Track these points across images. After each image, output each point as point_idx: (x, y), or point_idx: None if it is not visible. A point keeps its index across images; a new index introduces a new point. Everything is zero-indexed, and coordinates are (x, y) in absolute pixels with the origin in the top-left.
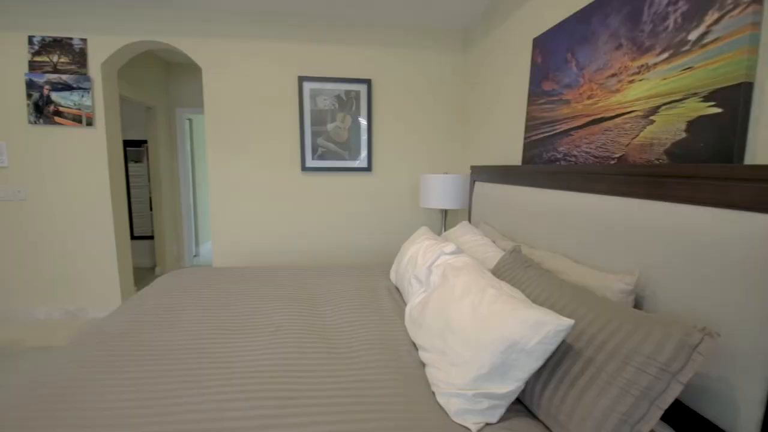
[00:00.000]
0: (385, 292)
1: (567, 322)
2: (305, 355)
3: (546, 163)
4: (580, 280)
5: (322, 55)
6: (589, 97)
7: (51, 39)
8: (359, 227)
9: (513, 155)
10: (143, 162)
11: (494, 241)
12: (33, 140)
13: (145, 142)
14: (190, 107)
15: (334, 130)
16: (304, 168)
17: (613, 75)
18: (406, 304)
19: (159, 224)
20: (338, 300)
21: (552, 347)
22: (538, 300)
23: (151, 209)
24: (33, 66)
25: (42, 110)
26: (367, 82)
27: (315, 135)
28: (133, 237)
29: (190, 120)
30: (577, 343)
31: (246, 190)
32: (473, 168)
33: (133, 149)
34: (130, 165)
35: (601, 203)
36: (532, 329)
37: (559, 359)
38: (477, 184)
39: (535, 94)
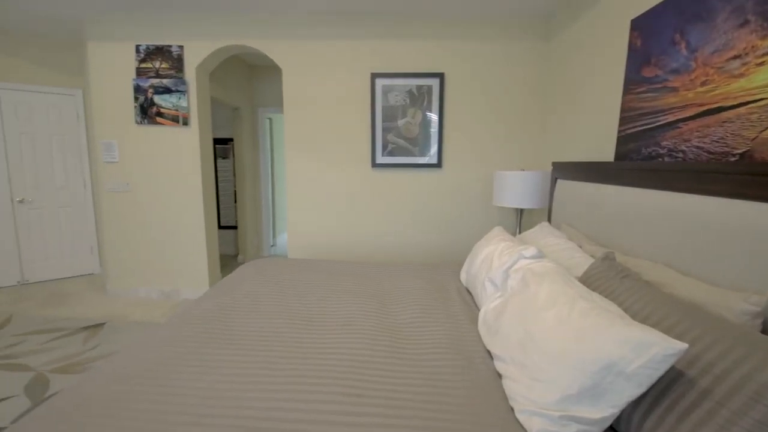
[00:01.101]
0: (456, 293)
1: (678, 345)
2: (375, 353)
3: (645, 159)
4: (689, 295)
5: (395, 51)
6: (702, 84)
7: (154, 47)
8: (428, 224)
9: (603, 151)
10: (229, 158)
11: (580, 246)
12: (138, 138)
13: (231, 140)
14: (270, 107)
15: (404, 126)
16: (374, 164)
17: (736, 57)
18: (478, 308)
19: (242, 216)
20: (407, 298)
21: (658, 373)
22: (638, 316)
23: (235, 202)
24: (139, 72)
25: (146, 111)
26: (440, 76)
27: (385, 131)
28: (219, 227)
29: (270, 119)
30: (689, 370)
31: (319, 185)
32: (555, 164)
33: (221, 146)
34: (218, 161)
35: (717, 207)
36: (634, 350)
37: (666, 387)
38: (559, 182)
39: (632, 81)
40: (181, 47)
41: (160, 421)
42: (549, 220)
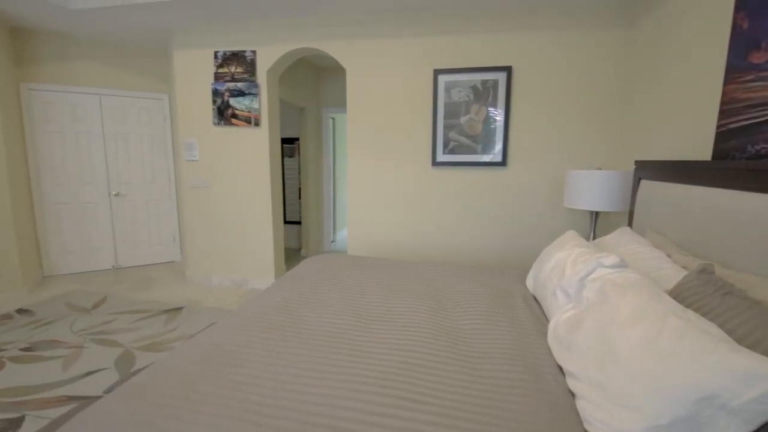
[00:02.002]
0: (521, 300)
1: None
2: (434, 357)
3: (753, 158)
4: None
5: (459, 46)
6: None
7: (230, 53)
8: (490, 225)
9: (696, 148)
10: (295, 157)
11: (669, 256)
12: (215, 138)
13: (297, 139)
14: (334, 107)
15: (467, 123)
16: (434, 163)
17: None
18: (547, 318)
19: (305, 212)
20: (468, 302)
21: None
22: (744, 341)
23: (299, 198)
24: (217, 77)
25: (222, 113)
26: (507, 69)
27: (447, 129)
28: (285, 222)
29: (333, 119)
30: None
31: (379, 183)
32: (639, 163)
33: (288, 146)
34: (285, 160)
35: None
36: (744, 382)
37: None
38: (643, 182)
39: (736, 69)
40: (254, 52)
41: (227, 406)
42: (630, 224)
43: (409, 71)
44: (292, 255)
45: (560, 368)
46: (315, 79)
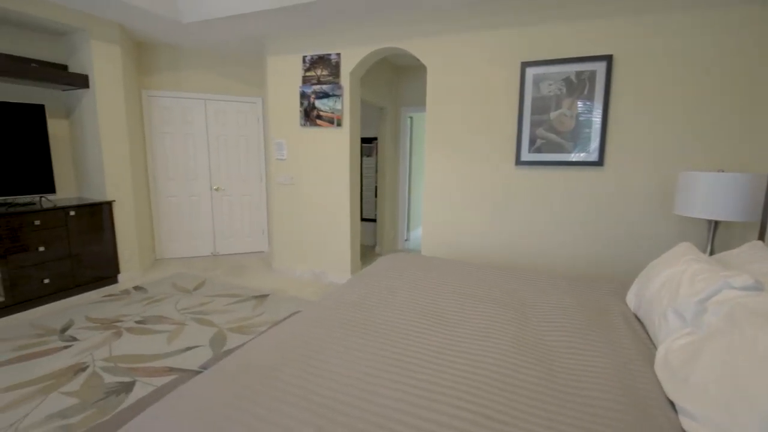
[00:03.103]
0: (620, 318)
1: None
2: (517, 373)
3: None
4: None
5: (550, 36)
6: None
7: (317, 56)
8: (581, 231)
9: None
10: (372, 156)
11: None
12: (301, 138)
13: (374, 139)
14: (412, 106)
15: (557, 119)
16: (518, 162)
17: None
18: (653, 343)
19: (381, 210)
20: (556, 315)
21: None
22: None
23: (375, 196)
24: (304, 80)
25: (308, 114)
26: (607, 59)
27: (534, 125)
28: (361, 219)
29: (411, 118)
30: None
31: (457, 183)
32: None
33: (366, 145)
34: (363, 159)
35: None
36: None
37: None
38: None
39: None
40: (338, 54)
41: (306, 398)
42: (761, 238)
43: (493, 65)
44: (367, 251)
45: (671, 403)
46: (394, 79)
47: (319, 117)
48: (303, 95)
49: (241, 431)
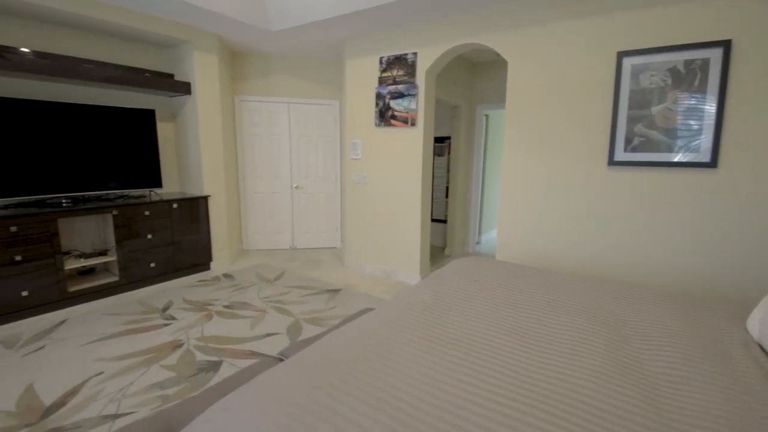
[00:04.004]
0: (741, 347)
1: None
2: (615, 401)
3: None
4: None
5: (651, 21)
6: None
7: (393, 57)
8: (687, 242)
9: None
10: (444, 156)
11: None
12: (375, 138)
13: (447, 138)
14: (488, 103)
15: (660, 114)
16: (611, 162)
17: None
18: None
19: (452, 211)
20: (658, 338)
21: None
22: None
23: (446, 197)
24: (380, 81)
25: (383, 115)
26: (724, 44)
27: (631, 121)
28: (431, 220)
29: (486, 116)
30: None
31: (539, 184)
32: None
33: (437, 144)
34: (434, 158)
35: None
36: None
37: None
38: None
39: None
40: (414, 54)
41: (379, 398)
42: None
43: (583, 56)
44: (436, 253)
45: None
46: (470, 76)
47: (393, 117)
48: (378, 96)
49: (321, 426)
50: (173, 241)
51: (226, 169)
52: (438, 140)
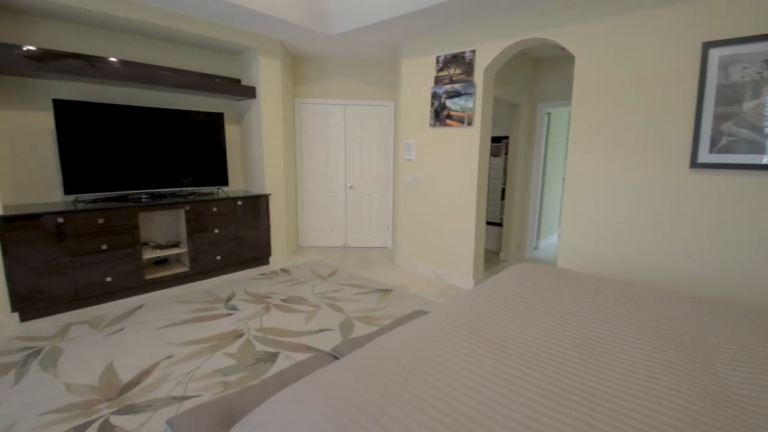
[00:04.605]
0: None
1: None
2: None
3: None
4: None
5: (746, 6)
6: None
7: (451, 55)
8: None
9: None
10: (500, 156)
11: None
12: (430, 139)
13: (503, 138)
14: (551, 101)
15: (754, 111)
16: (694, 164)
17: None
18: None
19: (508, 214)
20: (754, 364)
21: None
22: None
23: (502, 199)
24: (436, 80)
25: (439, 115)
26: None
27: (719, 119)
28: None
29: (548, 114)
30: None
31: (607, 186)
32: None
33: (494, 145)
34: (490, 159)
35: None
36: None
37: None
38: None
39: None
40: (473, 52)
41: (436, 407)
42: None
43: (661, 49)
44: (490, 257)
45: None
46: (531, 73)
47: (449, 117)
48: (434, 96)
49: (376, 429)
50: (237, 236)
51: (285, 169)
52: (494, 140)
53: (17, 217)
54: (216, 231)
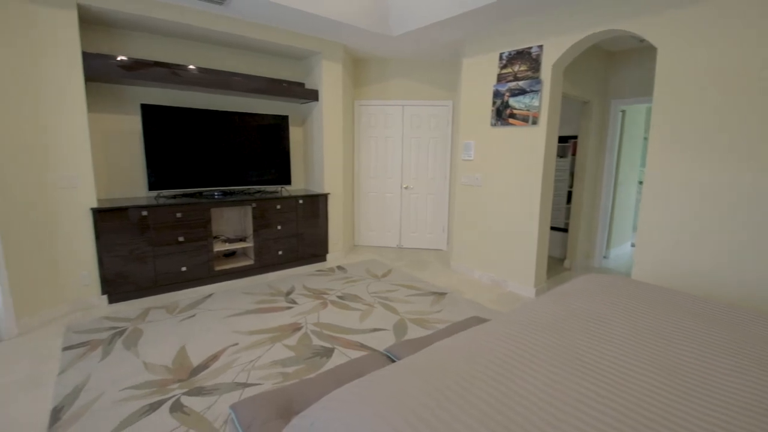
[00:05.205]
0: None
1: None
2: None
3: None
4: None
5: None
6: None
7: (515, 52)
8: None
9: None
10: (567, 157)
11: None
12: (491, 138)
13: (570, 137)
14: (626, 97)
15: None
16: None
17: None
18: None
19: (575, 219)
20: None
21: None
22: None
23: (568, 203)
24: (499, 78)
25: (501, 114)
26: None
27: None
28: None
29: (623, 111)
30: None
31: (693, 191)
32: None
33: (560, 145)
34: (556, 160)
35: None
36: None
37: None
38: None
39: None
40: (540, 47)
41: (493, 419)
42: None
43: (754, 41)
44: (553, 265)
45: None
46: (603, 68)
47: (512, 116)
48: (496, 94)
49: None
50: (297, 233)
51: (344, 170)
52: (561, 140)
53: (108, 210)
54: (279, 227)
